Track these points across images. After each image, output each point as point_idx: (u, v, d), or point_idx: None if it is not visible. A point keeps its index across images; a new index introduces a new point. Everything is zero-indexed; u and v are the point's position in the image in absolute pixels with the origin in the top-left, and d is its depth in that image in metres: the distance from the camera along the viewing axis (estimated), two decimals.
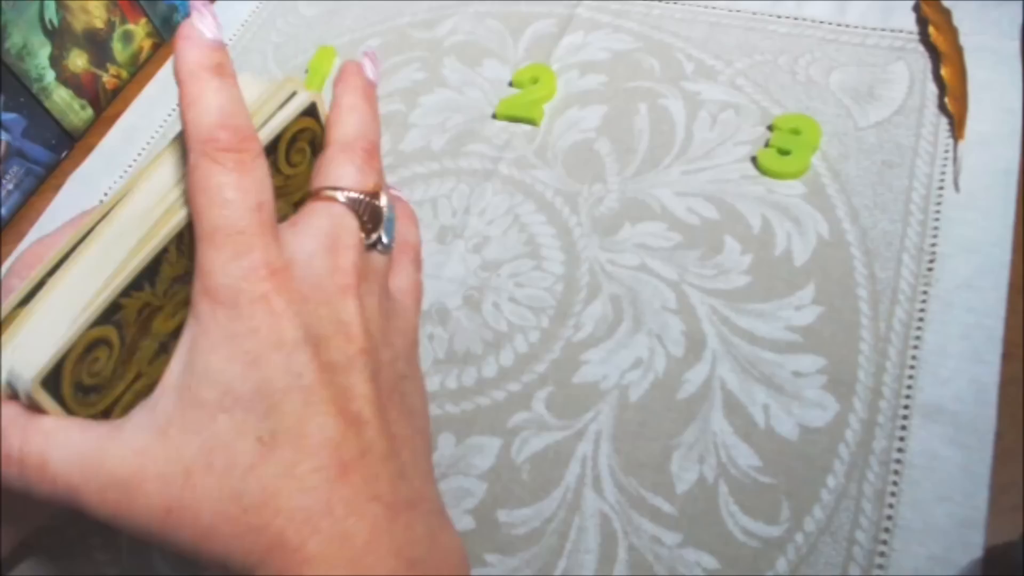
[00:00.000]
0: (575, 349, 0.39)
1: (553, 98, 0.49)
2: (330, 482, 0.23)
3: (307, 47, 0.56)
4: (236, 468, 0.22)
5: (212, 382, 0.23)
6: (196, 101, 0.26)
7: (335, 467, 0.23)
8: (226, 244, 0.23)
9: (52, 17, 0.51)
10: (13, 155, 0.51)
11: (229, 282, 0.23)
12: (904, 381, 0.35)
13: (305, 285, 0.25)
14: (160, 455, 0.23)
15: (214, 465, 0.22)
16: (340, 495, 0.23)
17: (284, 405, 0.23)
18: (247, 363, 0.23)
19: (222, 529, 0.22)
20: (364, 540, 0.22)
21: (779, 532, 0.33)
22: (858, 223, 0.40)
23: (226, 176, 0.24)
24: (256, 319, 0.23)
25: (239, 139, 0.25)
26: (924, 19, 0.47)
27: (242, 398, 0.23)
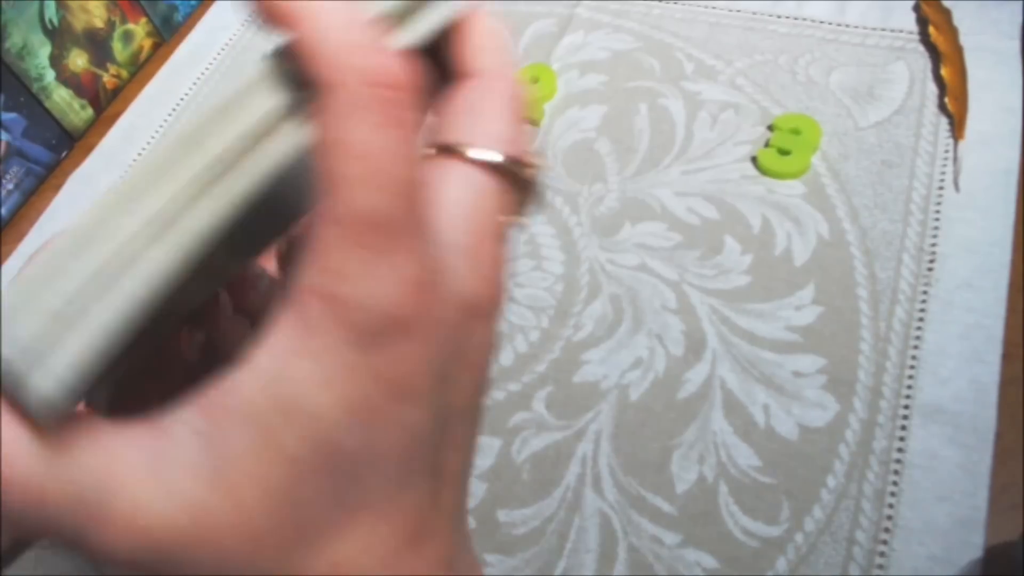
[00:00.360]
0: (575, 349, 0.39)
1: (553, 98, 0.49)
2: (404, 551, 0.17)
3: None
4: (312, 540, 0.17)
5: (309, 433, 0.16)
6: (339, 42, 0.16)
7: (411, 536, 0.18)
8: (372, 241, 0.16)
9: (52, 17, 0.51)
10: (13, 155, 0.51)
11: (369, 302, 0.16)
12: (904, 381, 0.35)
13: (450, 300, 0.17)
14: (222, 520, 0.16)
15: (288, 539, 0.17)
16: (412, 566, 0.18)
17: (386, 470, 0.17)
18: (362, 414, 0.16)
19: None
20: None
21: (779, 532, 0.33)
22: (858, 223, 0.40)
23: (391, 140, 0.16)
24: (386, 357, 0.16)
25: (406, 98, 0.16)
26: (924, 19, 0.47)
27: (341, 460, 0.17)
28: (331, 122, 0.16)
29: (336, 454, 0.16)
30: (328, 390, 0.16)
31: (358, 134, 0.16)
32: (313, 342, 0.16)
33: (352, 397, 0.16)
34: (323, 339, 0.16)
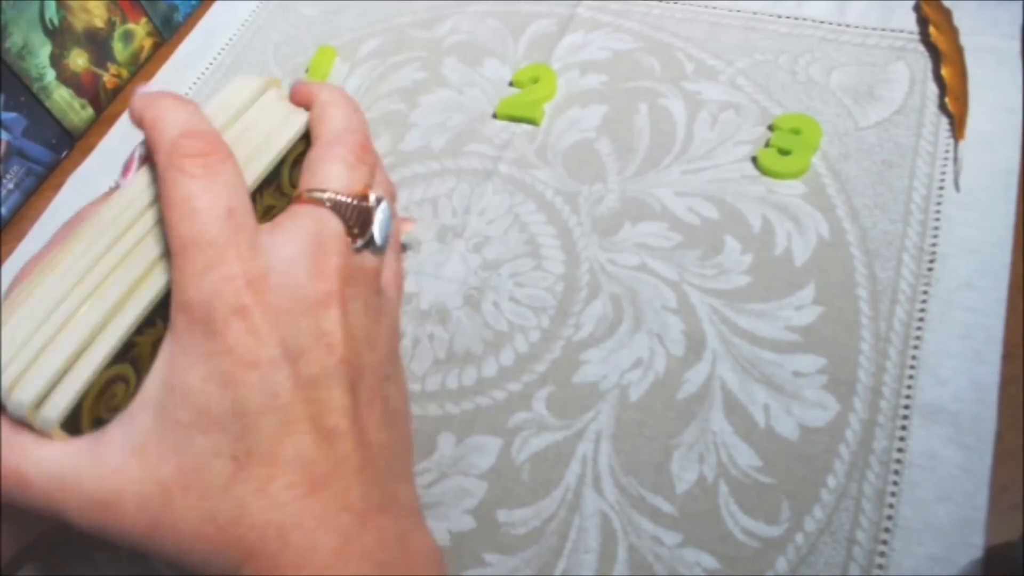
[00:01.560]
0: (575, 349, 0.39)
1: (553, 98, 0.49)
2: (301, 498, 0.23)
3: (307, 47, 0.56)
4: (212, 487, 0.23)
5: (189, 403, 0.23)
6: (158, 120, 0.26)
7: (307, 483, 0.23)
8: (198, 256, 0.23)
9: (52, 16, 0.51)
10: (13, 154, 0.51)
11: (202, 297, 0.22)
12: (904, 381, 0.35)
13: (284, 294, 0.24)
14: (137, 475, 0.23)
15: (191, 485, 0.23)
16: (311, 509, 0.23)
17: (260, 425, 0.23)
18: (223, 384, 0.22)
19: (200, 545, 0.23)
20: (333, 549, 0.23)
21: (779, 532, 0.33)
22: (858, 223, 0.40)
23: (194, 184, 0.23)
24: (231, 336, 0.22)
25: (204, 143, 0.24)
26: (924, 19, 0.47)
27: (218, 419, 0.23)
28: (161, 177, 0.24)
29: (212, 415, 0.22)
30: (194, 369, 0.23)
31: (181, 174, 0.24)
32: (182, 340, 0.23)
33: (211, 371, 0.22)
34: (186, 337, 0.23)
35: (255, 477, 0.23)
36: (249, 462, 0.23)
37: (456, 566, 0.34)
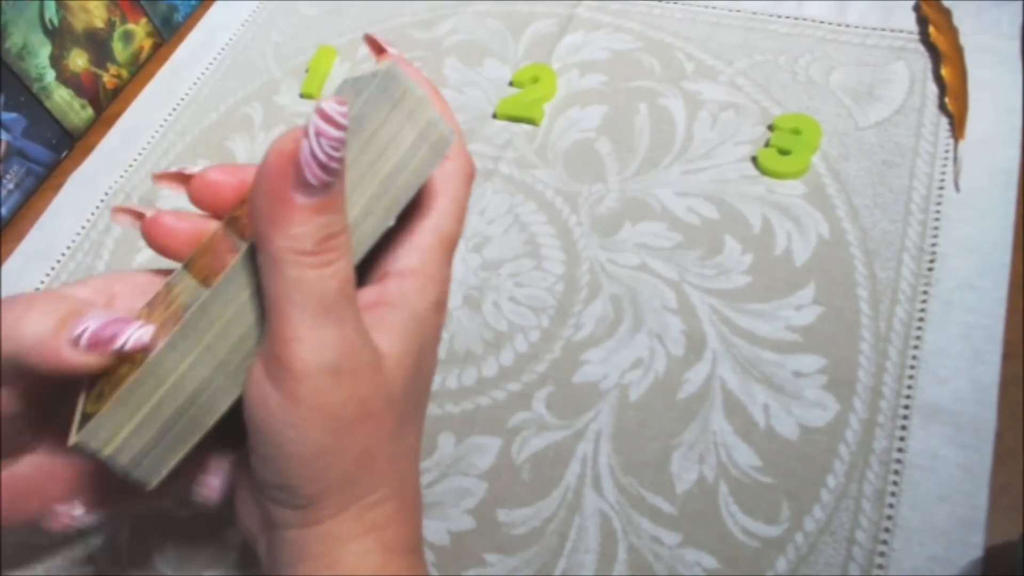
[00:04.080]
0: (575, 349, 0.39)
1: (553, 98, 0.49)
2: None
3: (307, 47, 0.56)
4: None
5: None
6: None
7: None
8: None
9: (52, 17, 0.51)
10: (13, 155, 0.51)
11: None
12: (904, 381, 0.35)
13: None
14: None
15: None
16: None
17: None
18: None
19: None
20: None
21: (779, 532, 0.33)
22: (858, 223, 0.40)
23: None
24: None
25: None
26: (924, 19, 0.47)
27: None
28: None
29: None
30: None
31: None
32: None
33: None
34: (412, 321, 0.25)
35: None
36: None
37: (456, 566, 0.34)
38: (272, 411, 0.22)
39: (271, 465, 0.23)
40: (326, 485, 0.23)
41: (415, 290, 0.24)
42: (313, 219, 0.21)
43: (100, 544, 0.37)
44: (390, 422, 0.24)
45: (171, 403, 0.23)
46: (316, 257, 0.21)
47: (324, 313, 0.22)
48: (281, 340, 0.22)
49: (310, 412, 0.22)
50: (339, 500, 0.23)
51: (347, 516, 0.23)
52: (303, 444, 0.22)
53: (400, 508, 0.25)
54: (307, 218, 0.21)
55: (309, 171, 0.21)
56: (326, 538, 0.23)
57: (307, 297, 0.21)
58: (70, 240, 0.49)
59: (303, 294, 0.21)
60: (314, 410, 0.22)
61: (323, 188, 0.21)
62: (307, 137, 0.21)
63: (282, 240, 0.21)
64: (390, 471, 0.24)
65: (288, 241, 0.21)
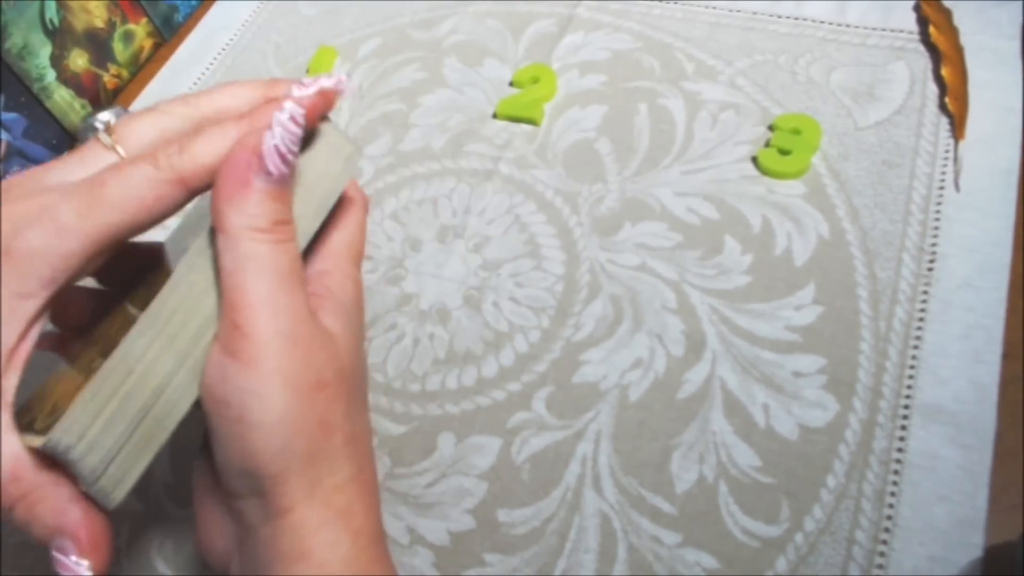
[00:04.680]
0: (575, 349, 0.39)
1: (553, 98, 0.49)
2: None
3: (307, 47, 0.56)
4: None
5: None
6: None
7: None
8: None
9: (53, 17, 0.51)
10: (14, 155, 0.51)
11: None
12: (904, 381, 0.35)
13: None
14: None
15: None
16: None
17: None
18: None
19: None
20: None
21: (779, 532, 0.33)
22: (858, 223, 0.40)
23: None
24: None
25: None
26: (924, 19, 0.47)
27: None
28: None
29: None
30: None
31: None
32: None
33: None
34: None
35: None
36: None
37: (456, 566, 0.34)
38: (232, 381, 0.23)
39: (234, 445, 0.23)
40: (289, 460, 0.24)
41: (337, 285, 0.27)
42: (268, 203, 0.24)
43: None
44: (343, 395, 0.25)
45: (138, 397, 0.24)
46: (270, 234, 0.24)
47: (279, 283, 0.24)
48: (238, 309, 0.23)
49: (269, 376, 0.23)
50: (304, 481, 0.24)
51: (315, 502, 0.24)
52: (264, 411, 0.23)
53: (361, 491, 0.26)
54: (263, 200, 0.24)
55: (270, 160, 0.24)
56: (297, 528, 0.24)
57: (263, 268, 0.24)
58: None
59: (259, 265, 0.24)
60: (273, 374, 0.23)
61: (279, 179, 0.24)
62: (271, 131, 0.24)
63: (240, 218, 0.24)
64: (348, 450, 0.25)
65: (245, 219, 0.24)
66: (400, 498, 0.36)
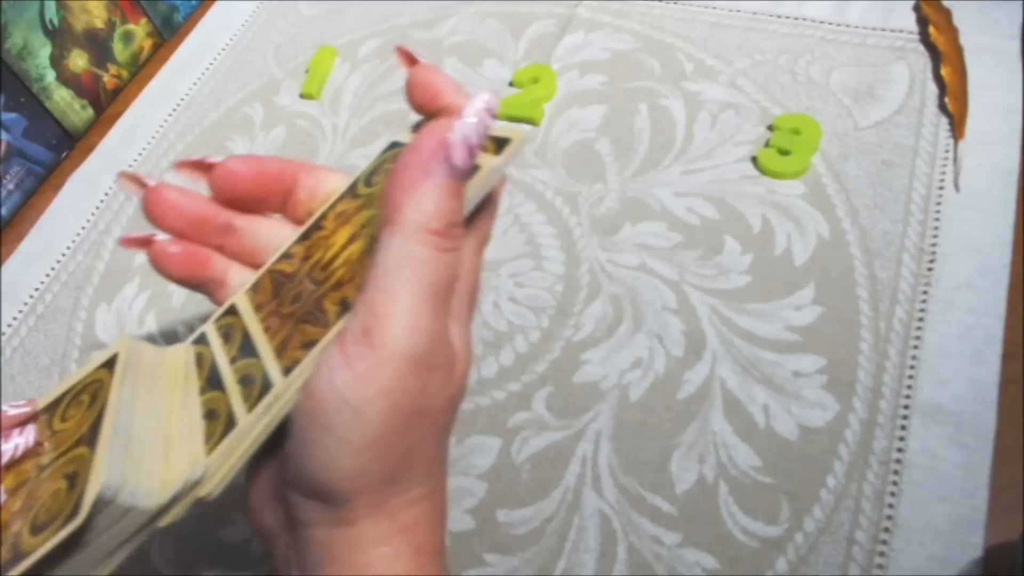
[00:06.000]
0: (575, 349, 0.39)
1: (553, 98, 0.49)
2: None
3: (307, 47, 0.56)
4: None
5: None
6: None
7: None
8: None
9: (52, 17, 0.51)
10: (14, 155, 0.51)
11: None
12: (904, 381, 0.35)
13: None
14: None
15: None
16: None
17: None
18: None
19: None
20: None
21: (779, 532, 0.33)
22: (858, 223, 0.40)
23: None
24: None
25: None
26: (924, 19, 0.47)
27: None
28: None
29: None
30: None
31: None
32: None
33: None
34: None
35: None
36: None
37: (456, 566, 0.34)
38: (337, 388, 0.21)
39: (314, 451, 0.22)
40: (367, 481, 0.22)
41: (460, 280, 0.24)
42: (446, 200, 0.22)
43: None
44: (441, 423, 0.24)
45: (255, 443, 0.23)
46: (442, 239, 0.22)
47: (429, 299, 0.22)
48: (376, 314, 0.21)
49: (377, 396, 0.21)
50: (375, 499, 0.22)
51: (381, 516, 0.23)
52: (356, 430, 0.21)
53: (431, 510, 0.24)
54: (442, 196, 0.22)
55: (458, 151, 0.22)
56: (358, 539, 0.23)
57: (419, 277, 0.21)
58: (70, 240, 0.49)
59: (417, 272, 0.21)
60: (382, 395, 0.21)
61: (462, 173, 0.22)
62: (463, 120, 0.22)
63: (415, 213, 0.21)
64: (428, 472, 0.24)
65: (420, 215, 0.21)
66: None
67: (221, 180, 0.27)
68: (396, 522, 0.23)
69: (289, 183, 0.27)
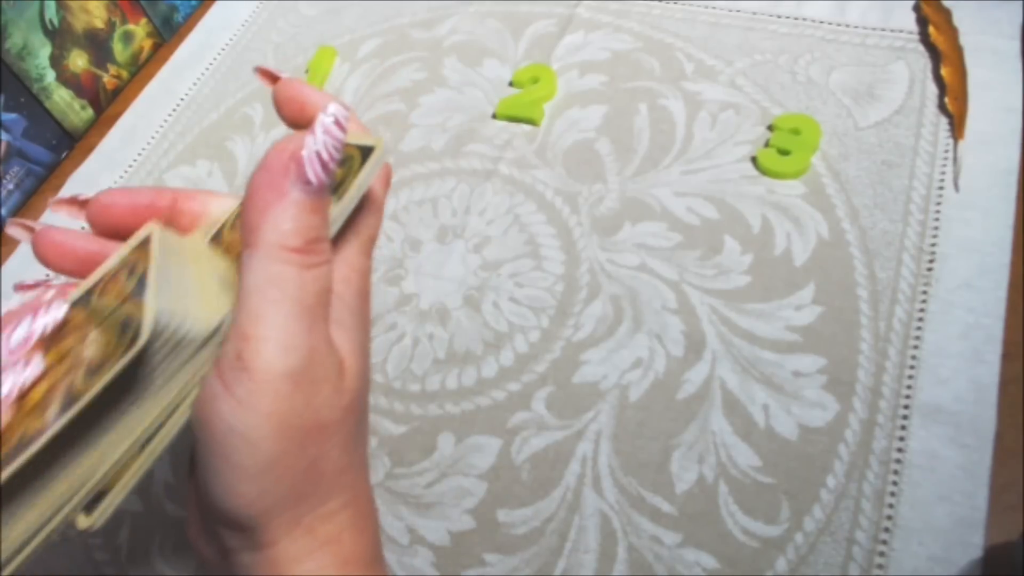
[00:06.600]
0: (575, 349, 0.39)
1: (553, 98, 0.49)
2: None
3: (307, 47, 0.56)
4: None
5: None
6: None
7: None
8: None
9: (52, 17, 0.51)
10: (13, 155, 0.51)
11: None
12: (904, 381, 0.35)
13: None
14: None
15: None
16: None
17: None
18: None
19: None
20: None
21: (779, 532, 0.33)
22: (858, 223, 0.40)
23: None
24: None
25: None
26: (924, 19, 0.47)
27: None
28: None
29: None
30: None
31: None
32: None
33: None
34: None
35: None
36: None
37: (456, 566, 0.34)
38: (222, 416, 0.21)
39: (216, 480, 0.22)
40: (272, 503, 0.22)
41: (342, 281, 0.24)
42: (304, 217, 0.21)
43: (100, 543, 0.37)
44: (343, 433, 0.23)
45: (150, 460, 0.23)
46: (303, 256, 0.21)
47: (299, 316, 0.21)
48: (246, 337, 0.21)
49: (263, 419, 0.21)
50: (287, 518, 0.22)
51: (298, 533, 0.22)
52: (250, 455, 0.21)
53: (355, 517, 0.24)
54: (299, 214, 0.21)
55: (311, 167, 0.21)
56: (278, 560, 0.22)
57: (286, 295, 0.21)
58: None
59: (282, 291, 0.21)
60: (267, 417, 0.21)
61: (318, 189, 0.22)
62: (313, 135, 0.21)
63: (272, 233, 0.21)
64: (341, 482, 0.23)
65: (278, 236, 0.21)
66: (400, 498, 0.36)
67: (96, 215, 0.27)
68: (316, 537, 0.23)
69: (165, 210, 0.27)
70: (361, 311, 0.25)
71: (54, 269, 0.26)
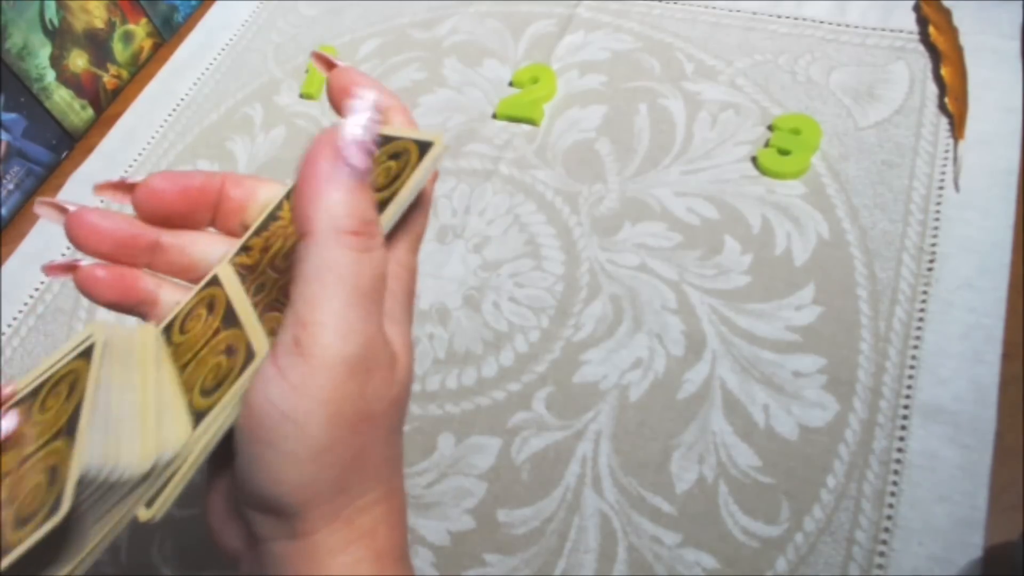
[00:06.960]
0: (575, 349, 0.39)
1: (553, 98, 0.49)
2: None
3: (307, 47, 0.56)
4: None
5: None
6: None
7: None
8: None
9: (52, 17, 0.51)
10: (14, 155, 0.51)
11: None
12: (904, 381, 0.35)
13: None
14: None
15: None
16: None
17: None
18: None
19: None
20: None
21: (779, 532, 0.33)
22: (858, 223, 0.40)
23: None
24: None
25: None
26: (924, 19, 0.47)
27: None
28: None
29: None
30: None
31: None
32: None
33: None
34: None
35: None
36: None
37: (456, 566, 0.34)
38: (274, 402, 0.21)
39: (260, 467, 0.22)
40: (317, 491, 0.22)
41: (392, 277, 0.24)
42: (355, 199, 0.22)
43: None
44: (388, 425, 0.23)
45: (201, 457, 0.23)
46: (357, 239, 0.22)
47: (356, 302, 0.21)
48: (304, 323, 0.21)
49: (316, 406, 0.21)
50: (328, 508, 0.22)
51: (337, 525, 0.22)
52: (299, 443, 0.21)
53: (388, 512, 0.24)
54: (348, 197, 0.21)
55: (352, 153, 0.22)
56: (316, 550, 0.22)
57: (345, 280, 0.21)
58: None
59: (340, 276, 0.21)
60: (322, 404, 0.21)
61: (364, 173, 0.22)
62: (351, 122, 0.22)
63: (326, 219, 0.21)
64: (381, 474, 0.23)
65: (332, 220, 0.21)
66: None
67: (144, 199, 0.27)
68: (354, 528, 0.23)
69: (215, 195, 0.27)
70: (409, 308, 0.25)
71: (88, 252, 0.26)
